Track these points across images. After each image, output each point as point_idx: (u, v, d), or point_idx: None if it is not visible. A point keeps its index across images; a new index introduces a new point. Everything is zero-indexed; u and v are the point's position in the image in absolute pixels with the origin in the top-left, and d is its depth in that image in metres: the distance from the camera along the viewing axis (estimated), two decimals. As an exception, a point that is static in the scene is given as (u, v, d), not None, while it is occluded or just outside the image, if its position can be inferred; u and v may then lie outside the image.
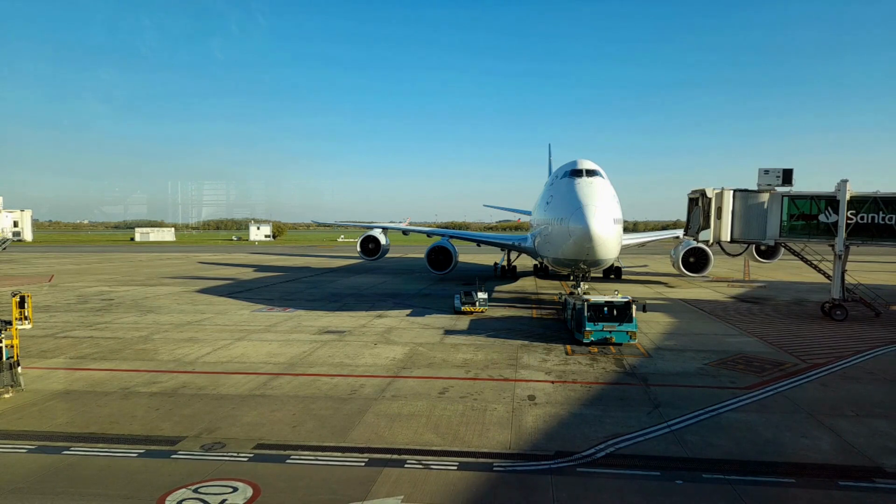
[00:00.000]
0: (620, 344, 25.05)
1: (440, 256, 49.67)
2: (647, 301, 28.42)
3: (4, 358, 18.32)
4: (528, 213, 55.90)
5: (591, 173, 31.00)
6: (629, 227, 65.62)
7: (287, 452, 13.97)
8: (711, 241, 33.44)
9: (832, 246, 31.63)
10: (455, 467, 13.14)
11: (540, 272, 55.81)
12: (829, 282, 33.32)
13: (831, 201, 31.00)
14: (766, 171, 31.72)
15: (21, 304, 19.02)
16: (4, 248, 46.35)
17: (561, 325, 30.09)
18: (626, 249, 44.66)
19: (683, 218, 37.10)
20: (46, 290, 47.04)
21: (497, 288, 46.01)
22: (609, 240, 27.35)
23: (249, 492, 11.93)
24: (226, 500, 11.63)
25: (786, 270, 56.80)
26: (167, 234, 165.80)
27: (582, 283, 31.45)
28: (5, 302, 29.57)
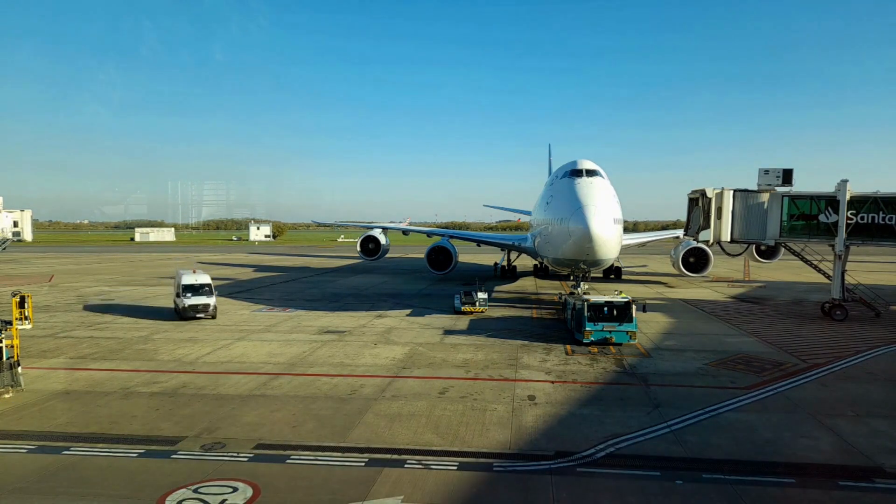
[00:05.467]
0: (620, 344, 25.06)
1: (440, 256, 49.70)
2: (647, 301, 28.42)
3: (4, 358, 18.33)
4: (528, 213, 55.90)
5: (591, 173, 31.01)
6: (629, 227, 65.61)
7: (287, 452, 13.98)
8: (711, 241, 33.45)
9: (832, 246, 31.65)
10: (455, 467, 13.15)
11: (540, 272, 55.80)
12: (829, 282, 33.34)
13: (831, 201, 31.01)
14: (767, 171, 31.73)
15: (21, 305, 19.04)
16: (4, 249, 46.35)
17: (561, 325, 30.10)
18: (626, 249, 44.66)
19: (683, 218, 37.13)
20: (46, 290, 47.06)
21: (497, 288, 46.02)
22: (609, 240, 27.36)
23: (249, 492, 11.94)
24: (226, 500, 11.64)
25: (786, 270, 56.79)
26: (167, 235, 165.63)
27: (582, 283, 31.45)
28: (5, 302, 29.58)
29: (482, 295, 34.54)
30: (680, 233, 50.76)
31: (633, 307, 25.23)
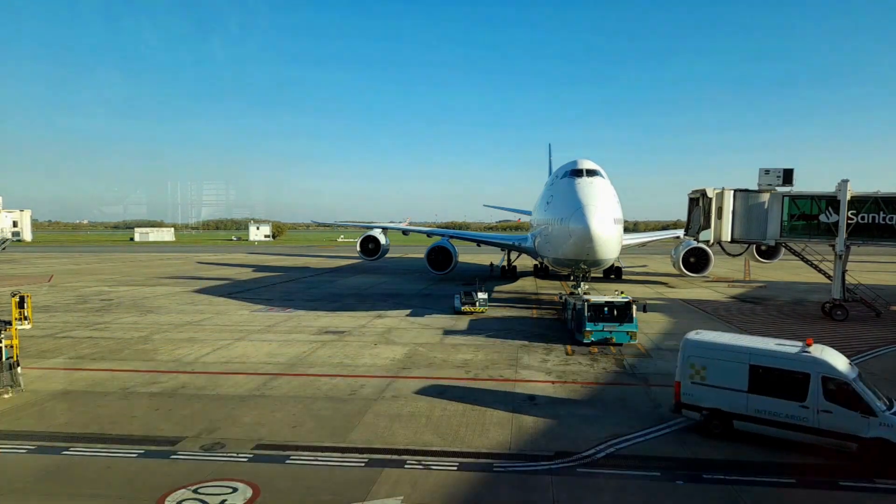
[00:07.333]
0: (621, 344, 25.02)
1: (440, 256, 49.65)
2: (648, 301, 28.38)
3: (4, 358, 18.29)
4: (528, 213, 55.89)
5: (591, 173, 30.96)
6: (629, 227, 65.41)
7: (287, 453, 13.96)
8: (712, 241, 33.42)
9: (833, 246, 31.61)
10: (455, 468, 13.13)
11: (540, 272, 55.75)
12: (829, 282, 33.31)
13: (832, 201, 30.96)
14: (767, 171, 31.69)
15: (21, 305, 19.01)
16: (4, 248, 46.31)
17: (561, 325, 30.07)
18: (626, 249, 44.61)
19: (684, 218, 37.09)
20: (46, 290, 47.03)
21: (497, 288, 45.97)
22: (609, 240, 27.33)
23: (249, 492, 11.92)
24: (225, 500, 11.62)
25: (786, 270, 56.74)
26: (166, 234, 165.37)
27: (582, 283, 31.42)
28: (5, 302, 29.54)
29: (482, 295, 34.51)
30: (680, 233, 50.73)
31: (634, 307, 25.20)
